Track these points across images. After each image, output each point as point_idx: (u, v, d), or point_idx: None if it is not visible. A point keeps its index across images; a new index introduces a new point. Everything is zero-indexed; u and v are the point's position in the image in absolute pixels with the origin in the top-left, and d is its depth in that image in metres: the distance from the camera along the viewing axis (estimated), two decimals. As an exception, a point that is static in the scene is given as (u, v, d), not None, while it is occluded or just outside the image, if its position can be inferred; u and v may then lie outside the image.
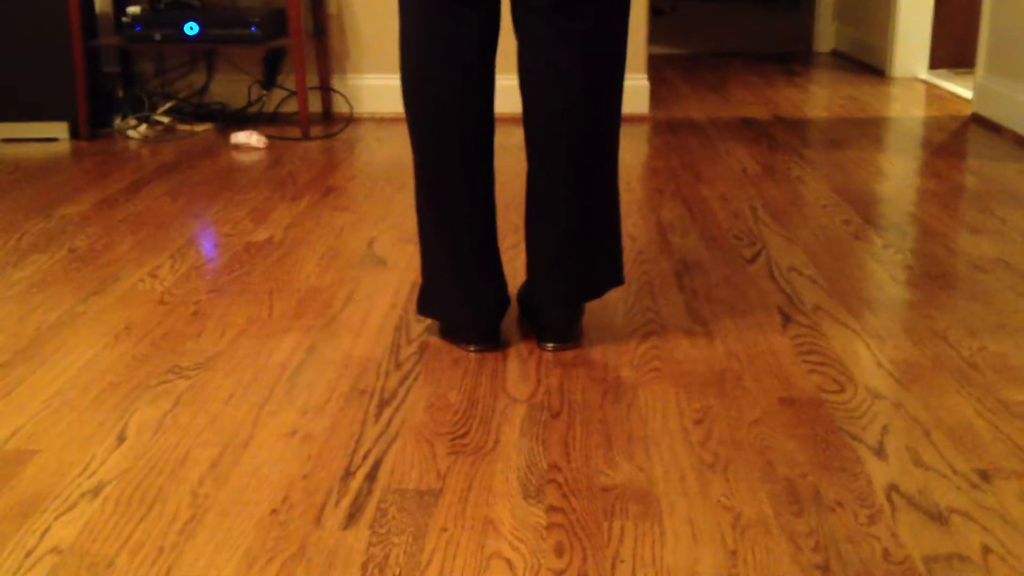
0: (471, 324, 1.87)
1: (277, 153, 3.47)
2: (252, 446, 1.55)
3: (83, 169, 3.25)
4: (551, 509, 1.38)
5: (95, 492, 1.43)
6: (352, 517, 1.36)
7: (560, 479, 1.45)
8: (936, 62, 5.01)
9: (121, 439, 1.57)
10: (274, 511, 1.38)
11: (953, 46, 5.01)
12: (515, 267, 2.31)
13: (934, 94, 4.52)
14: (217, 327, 2.00)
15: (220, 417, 1.64)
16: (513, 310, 2.06)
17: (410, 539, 1.31)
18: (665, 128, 3.83)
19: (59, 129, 3.68)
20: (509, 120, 3.91)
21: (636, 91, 4.00)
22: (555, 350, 1.88)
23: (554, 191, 1.82)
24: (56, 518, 1.37)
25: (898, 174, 3.12)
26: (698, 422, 1.61)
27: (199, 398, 1.70)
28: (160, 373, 1.80)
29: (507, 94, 3.89)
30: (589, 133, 1.80)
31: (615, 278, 1.93)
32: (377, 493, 1.42)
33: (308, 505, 1.39)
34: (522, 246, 2.45)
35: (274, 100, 4.08)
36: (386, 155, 3.42)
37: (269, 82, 4.06)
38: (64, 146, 3.57)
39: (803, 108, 4.20)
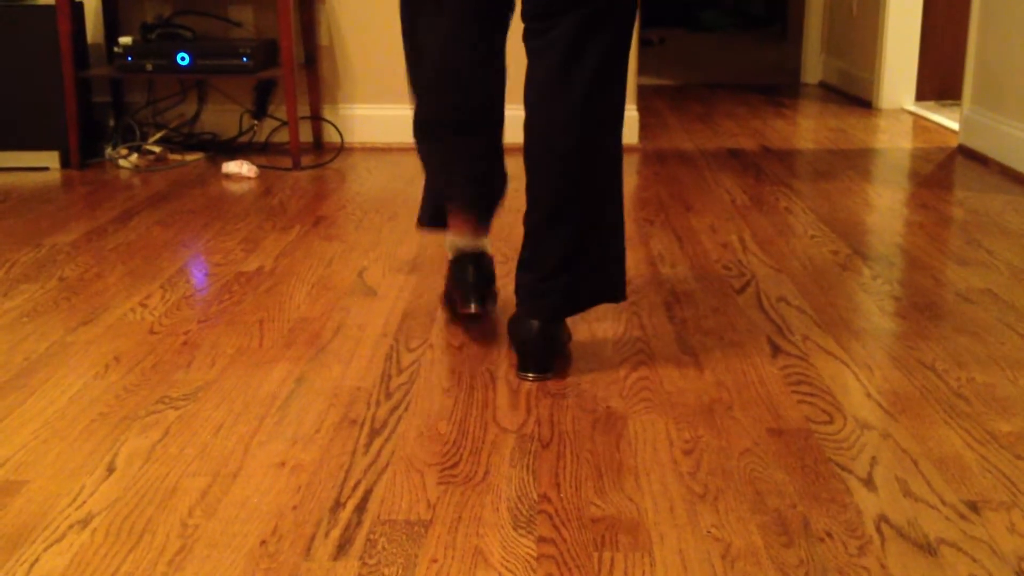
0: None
1: (268, 182, 3.48)
2: (242, 477, 1.55)
3: (73, 198, 3.25)
4: (541, 540, 1.38)
5: (84, 523, 1.42)
6: (342, 548, 1.36)
7: (550, 510, 1.45)
8: (923, 94, 5.05)
9: (110, 469, 1.57)
10: (263, 542, 1.38)
11: (940, 78, 5.05)
12: (507, 292, 2.32)
13: (921, 126, 4.55)
14: (207, 357, 2.00)
15: (210, 447, 1.64)
16: (504, 340, 2.07)
17: (400, 570, 1.31)
18: (654, 159, 3.85)
19: (50, 158, 3.68)
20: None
21: (626, 122, 4.02)
22: (534, 380, 1.88)
23: (546, 196, 1.86)
24: (45, 549, 1.36)
25: (885, 205, 3.14)
26: (688, 452, 1.62)
27: (189, 428, 1.70)
28: (150, 403, 1.80)
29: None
30: (590, 144, 1.84)
31: (610, 292, 1.93)
32: (367, 524, 1.42)
33: (297, 536, 1.39)
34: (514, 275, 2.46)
35: (265, 130, 4.10)
36: (377, 185, 3.43)
37: (260, 112, 4.07)
38: (55, 175, 3.58)
39: (791, 139, 4.23)
